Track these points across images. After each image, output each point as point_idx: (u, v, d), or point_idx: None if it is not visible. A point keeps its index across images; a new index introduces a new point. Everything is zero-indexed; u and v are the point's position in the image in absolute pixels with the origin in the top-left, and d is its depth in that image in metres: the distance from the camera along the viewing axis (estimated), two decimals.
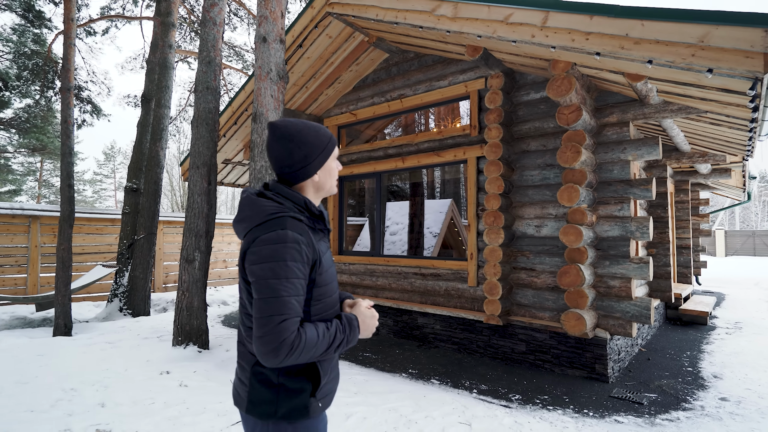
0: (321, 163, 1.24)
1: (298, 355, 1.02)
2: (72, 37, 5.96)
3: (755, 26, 2.43)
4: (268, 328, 1.00)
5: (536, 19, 3.34)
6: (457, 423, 2.94)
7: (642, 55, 2.88)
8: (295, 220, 1.12)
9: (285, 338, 1.00)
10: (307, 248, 1.10)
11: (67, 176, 5.92)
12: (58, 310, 5.85)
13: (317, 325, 1.09)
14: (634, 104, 4.00)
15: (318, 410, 1.17)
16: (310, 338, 1.04)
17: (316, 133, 1.23)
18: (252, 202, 1.15)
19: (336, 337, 1.11)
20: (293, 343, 1.01)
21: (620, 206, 4.02)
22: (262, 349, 1.00)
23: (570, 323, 3.87)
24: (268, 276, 1.04)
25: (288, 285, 1.04)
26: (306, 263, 1.10)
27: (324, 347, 1.08)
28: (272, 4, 4.15)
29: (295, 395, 1.13)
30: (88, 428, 2.76)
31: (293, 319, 1.03)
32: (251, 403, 1.13)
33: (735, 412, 3.23)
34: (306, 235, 1.11)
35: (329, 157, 1.26)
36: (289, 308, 1.03)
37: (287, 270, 1.05)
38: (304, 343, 1.03)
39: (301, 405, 1.13)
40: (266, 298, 1.03)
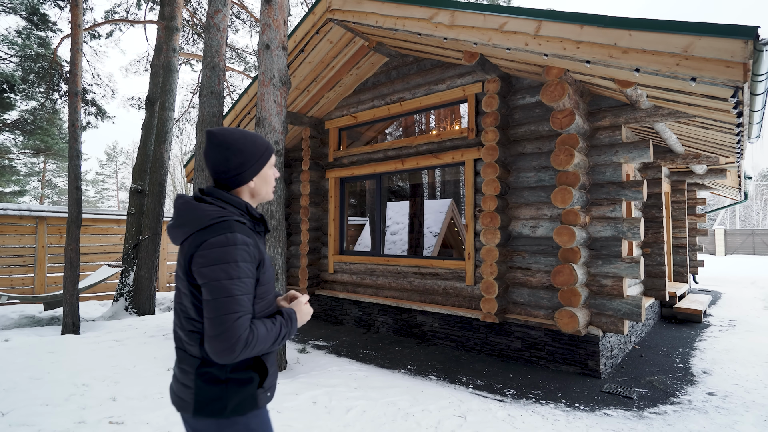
0: (257, 170, 1.29)
1: (251, 349, 1.08)
2: (79, 43, 6.10)
3: (736, 37, 2.56)
4: (224, 327, 1.05)
5: (529, 28, 3.47)
6: (452, 416, 3.07)
7: (630, 64, 3.00)
8: (239, 224, 1.17)
9: (240, 335, 1.05)
10: (254, 249, 1.17)
11: (75, 178, 6.06)
12: (66, 308, 6.00)
13: (264, 321, 1.15)
14: (626, 108, 4.13)
15: (265, 400, 1.23)
16: (260, 333, 1.11)
17: (253, 142, 1.27)
18: (193, 207, 1.18)
19: (281, 330, 1.18)
20: (247, 339, 1.06)
21: (612, 207, 4.14)
22: (218, 347, 1.04)
23: (563, 321, 4.01)
24: (221, 277, 1.08)
25: (240, 284, 1.10)
26: (253, 263, 1.16)
27: (271, 340, 1.14)
28: (275, 12, 4.29)
29: (243, 387, 1.17)
30: (102, 420, 2.91)
31: (246, 316, 1.09)
32: (199, 404, 1.15)
33: (721, 406, 3.36)
34: (252, 238, 1.18)
35: (265, 165, 1.31)
36: (242, 306, 1.09)
37: (238, 270, 1.10)
38: (256, 338, 1.09)
39: (250, 396, 1.18)
40: (220, 298, 1.07)
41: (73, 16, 6.05)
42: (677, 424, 3.03)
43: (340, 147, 6.87)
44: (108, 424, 2.85)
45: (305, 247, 6.84)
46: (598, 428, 2.93)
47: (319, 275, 6.97)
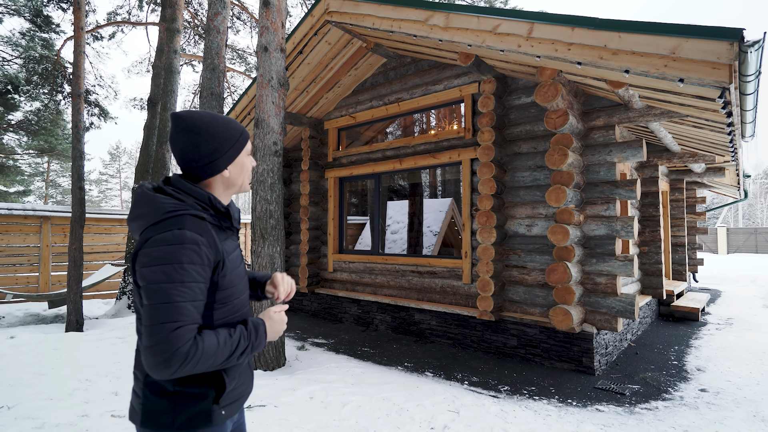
0: (231, 157, 1.14)
1: (194, 365, 0.94)
2: (82, 45, 6.19)
3: (721, 39, 2.61)
4: (159, 337, 0.91)
5: (522, 30, 3.53)
6: (446, 411, 3.14)
7: (620, 65, 3.06)
8: (196, 219, 1.03)
9: (178, 348, 0.91)
10: (208, 249, 1.02)
11: (78, 179, 6.16)
12: (70, 307, 6.10)
13: (218, 332, 1.01)
14: (620, 108, 4.17)
15: (221, 418, 1.08)
16: (207, 347, 0.96)
17: (226, 126, 1.13)
18: (148, 199, 1.04)
19: (239, 344, 1.03)
20: (188, 352, 0.92)
21: (606, 206, 4.19)
22: (152, 361, 0.91)
23: (558, 318, 4.06)
24: (161, 280, 0.94)
25: (183, 289, 0.95)
26: (206, 265, 1.01)
27: (225, 355, 1.00)
28: (273, 15, 4.35)
29: (194, 402, 1.04)
30: (104, 414, 2.99)
31: (188, 326, 0.94)
32: (146, 415, 1.04)
33: (712, 402, 3.41)
34: (207, 235, 1.03)
35: (241, 151, 1.17)
36: (184, 314, 0.94)
37: (183, 273, 0.96)
38: (201, 353, 0.95)
39: (202, 412, 1.05)
40: (157, 303, 0.93)
41: (75, 18, 6.14)
42: (667, 419, 3.09)
43: (339, 147, 6.94)
44: (110, 417, 2.94)
45: (305, 246, 6.91)
46: (589, 423, 2.99)
47: (319, 274, 7.04)
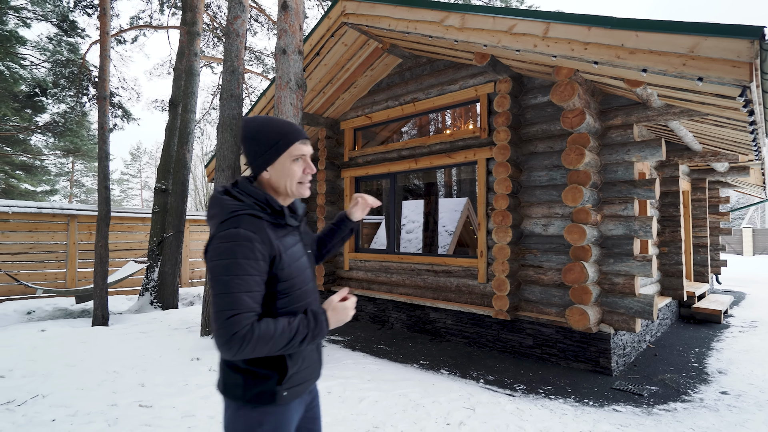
0: (270, 160, 1.20)
1: (252, 348, 1.04)
2: (107, 50, 6.41)
3: (741, 37, 2.58)
4: (220, 323, 1.03)
5: (538, 30, 3.53)
6: (461, 408, 3.17)
7: (637, 64, 3.04)
8: (252, 218, 1.13)
9: (236, 332, 1.02)
10: (262, 246, 1.11)
11: (104, 178, 6.38)
12: (96, 302, 6.32)
13: (277, 321, 1.10)
14: (638, 107, 4.13)
15: (284, 399, 1.18)
16: (264, 333, 1.06)
17: (269, 129, 1.20)
18: (217, 201, 1.17)
19: (298, 331, 1.11)
20: (244, 337, 1.03)
21: (624, 206, 4.16)
22: (217, 342, 1.04)
23: (574, 318, 4.05)
24: (221, 273, 1.06)
25: (239, 281, 1.06)
26: (260, 260, 1.10)
27: (284, 341, 1.08)
28: (291, 18, 4.44)
29: (261, 382, 1.16)
30: (132, 404, 3.12)
31: (244, 315, 1.05)
32: (225, 386, 1.19)
33: (733, 405, 3.36)
34: (261, 233, 1.12)
35: (280, 155, 1.20)
36: (240, 304, 1.05)
37: (237, 267, 1.06)
38: (257, 337, 1.04)
39: (267, 392, 1.16)
40: (219, 294, 1.06)
41: (101, 24, 6.36)
42: (686, 420, 3.06)
43: (355, 147, 7.02)
44: (138, 407, 3.06)
45: None
46: (606, 423, 2.99)
47: (335, 272, 7.13)
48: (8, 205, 7.77)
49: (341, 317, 1.21)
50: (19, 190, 20.12)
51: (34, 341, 4.88)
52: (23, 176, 19.98)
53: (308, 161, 1.26)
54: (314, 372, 1.30)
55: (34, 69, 13.38)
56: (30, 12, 12.94)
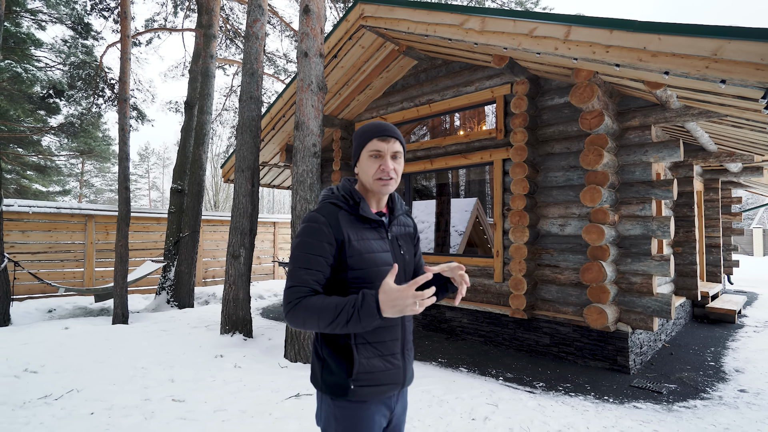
0: (356, 159, 1.31)
1: (301, 318, 1.12)
2: (128, 53, 6.53)
3: (765, 41, 2.62)
4: (284, 292, 1.18)
5: (559, 33, 3.59)
6: (485, 404, 3.24)
7: (659, 67, 3.09)
8: (331, 206, 1.26)
9: (290, 301, 1.15)
10: (328, 228, 1.20)
11: (124, 179, 6.50)
12: (116, 300, 6.45)
13: (326, 297, 1.14)
14: (656, 108, 4.18)
15: (356, 395, 1.18)
16: (310, 304, 1.12)
17: (360, 130, 1.30)
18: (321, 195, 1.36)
19: (344, 309, 1.09)
20: (295, 306, 1.13)
21: (642, 206, 4.21)
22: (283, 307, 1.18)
23: (592, 317, 4.10)
24: (293, 249, 1.22)
25: (301, 257, 1.18)
26: (326, 242, 1.19)
27: (330, 316, 1.09)
28: (313, 22, 4.53)
29: (334, 373, 1.21)
30: (165, 398, 3.22)
31: (298, 288, 1.15)
32: (311, 373, 1.29)
33: (752, 402, 3.40)
34: (332, 218, 1.22)
35: (361, 150, 1.28)
36: (297, 278, 1.16)
37: (304, 245, 1.19)
38: (303, 309, 1.12)
39: (340, 383, 1.19)
40: (289, 266, 1.21)
41: (122, 27, 6.48)
42: (707, 417, 3.11)
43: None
44: (171, 401, 3.16)
45: None
46: (627, 419, 3.04)
47: None
48: (28, 206, 7.92)
49: (398, 305, 1.05)
50: (31, 190, 20.40)
51: (59, 338, 5.00)
52: (35, 176, 20.26)
53: (385, 158, 1.25)
54: (395, 377, 1.26)
55: (49, 71, 13.59)
56: (45, 14, 13.15)
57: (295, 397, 3.27)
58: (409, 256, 1.37)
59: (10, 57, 12.88)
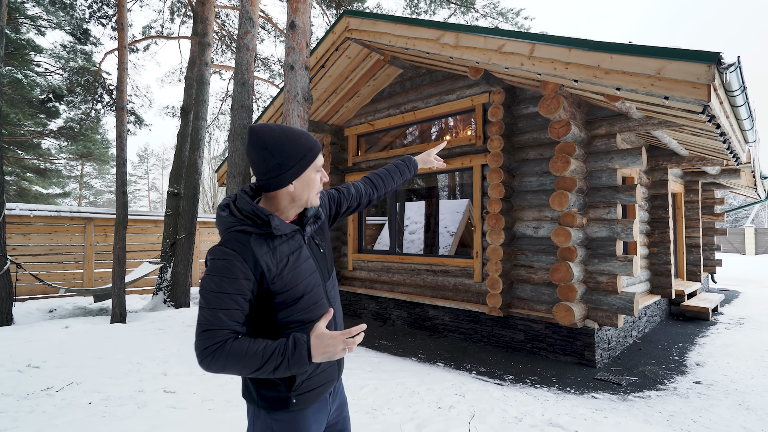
0: (297, 173, 1.16)
1: (222, 365, 1.03)
2: (125, 62, 6.80)
3: (701, 62, 2.89)
4: (196, 336, 1.06)
5: (524, 50, 3.85)
6: (453, 394, 3.50)
7: (611, 83, 3.36)
8: (239, 234, 1.13)
9: (206, 347, 1.03)
10: (243, 264, 1.09)
11: (122, 184, 6.77)
12: (114, 300, 6.71)
13: (255, 341, 1.06)
14: (621, 118, 4.44)
15: (296, 405, 1.18)
16: (234, 351, 1.03)
17: (295, 141, 1.15)
18: (218, 218, 1.20)
19: (272, 356, 1.04)
20: (214, 352, 1.02)
21: (608, 210, 4.47)
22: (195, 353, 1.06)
23: (561, 314, 4.36)
24: (203, 288, 1.08)
25: (215, 299, 1.06)
26: (242, 278, 1.08)
27: (256, 364, 1.04)
28: (298, 37, 4.79)
29: (271, 388, 1.17)
30: (157, 390, 3.48)
31: (215, 331, 1.04)
32: (243, 389, 1.25)
33: (703, 393, 3.67)
34: (245, 251, 1.10)
35: (308, 167, 1.18)
36: (213, 320, 1.05)
37: (216, 285, 1.07)
38: (226, 356, 1.02)
39: (280, 397, 1.17)
40: (200, 308, 1.08)
41: (119, 38, 6.75)
42: (656, 405, 3.37)
43: (358, 152, 7.36)
44: (163, 392, 3.42)
45: None
46: (583, 407, 3.30)
47: (340, 272, 7.48)
48: (30, 210, 8.19)
49: (328, 351, 1.07)
50: (31, 192, 20.67)
51: (61, 336, 5.26)
52: (35, 179, 20.53)
53: (323, 170, 1.26)
54: (330, 375, 1.27)
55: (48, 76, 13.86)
56: (44, 21, 13.42)
57: None
58: (327, 248, 1.36)
59: (11, 63, 13.15)
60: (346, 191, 1.53)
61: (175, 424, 2.85)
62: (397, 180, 1.71)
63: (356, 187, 1.57)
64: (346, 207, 1.52)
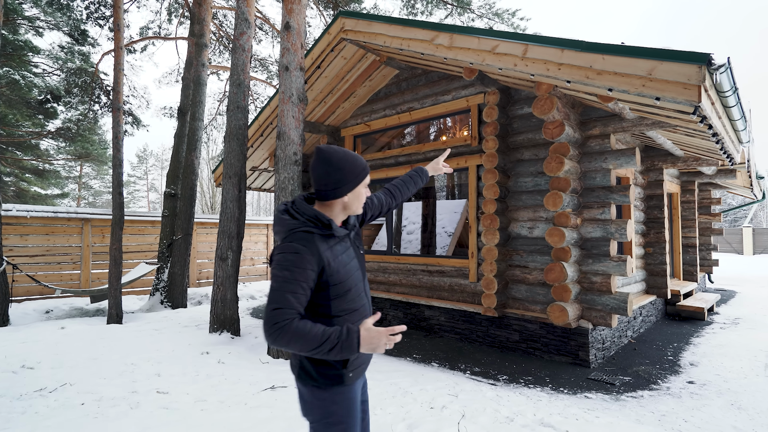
0: (352, 188, 1.45)
1: (287, 340, 1.21)
2: (121, 64, 6.80)
3: (691, 63, 2.90)
4: (267, 313, 1.26)
5: (518, 51, 3.86)
6: (446, 395, 3.51)
7: (603, 84, 3.37)
8: (304, 234, 1.37)
9: (276, 322, 1.22)
10: (311, 257, 1.32)
11: (118, 185, 6.77)
12: (111, 301, 6.71)
13: (315, 325, 1.26)
14: (614, 118, 4.45)
15: (350, 379, 1.42)
16: (297, 329, 1.22)
17: (353, 163, 1.44)
18: (279, 220, 1.44)
19: (328, 340, 1.23)
20: (282, 328, 1.21)
21: (602, 210, 4.48)
22: (263, 328, 1.26)
23: (555, 314, 4.37)
24: (275, 275, 1.31)
25: (286, 284, 1.27)
26: (309, 269, 1.31)
27: (315, 343, 1.22)
28: (293, 38, 4.80)
29: (328, 368, 1.39)
30: (150, 390, 3.48)
31: (284, 310, 1.24)
32: (299, 371, 1.44)
33: (695, 392, 3.68)
34: (311, 245, 1.34)
35: (360, 184, 1.47)
36: (283, 301, 1.25)
37: (288, 273, 1.29)
38: (292, 332, 1.21)
39: (338, 374, 1.39)
40: (271, 290, 1.30)
41: (116, 39, 6.75)
42: (648, 405, 3.38)
43: None
44: (156, 393, 3.43)
45: None
46: (575, 407, 3.31)
47: None
48: (26, 210, 8.18)
49: (374, 344, 1.27)
50: (30, 193, 20.65)
51: (56, 337, 5.26)
52: (34, 179, 20.52)
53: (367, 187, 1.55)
54: (370, 355, 1.53)
55: (46, 77, 13.86)
56: (42, 21, 13.41)
57: (270, 389, 3.54)
58: (362, 251, 1.63)
59: (8, 64, 13.15)
60: (370, 202, 1.77)
61: (167, 424, 2.85)
62: (411, 189, 1.97)
63: (378, 198, 1.82)
64: (371, 215, 1.77)
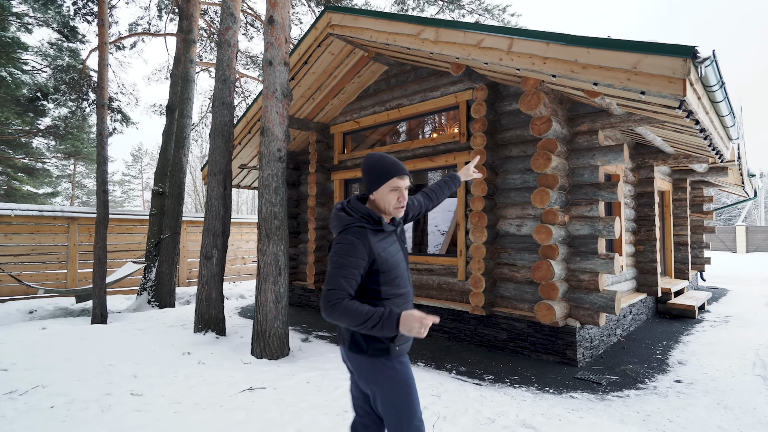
0: (375, 187, 1.68)
1: (338, 315, 1.47)
2: (105, 59, 6.68)
3: (676, 56, 2.84)
4: (323, 293, 1.52)
5: (503, 45, 3.79)
6: (428, 395, 3.44)
7: (589, 78, 3.30)
8: (358, 228, 1.62)
9: (329, 300, 1.49)
10: (363, 248, 1.57)
11: (103, 182, 6.65)
12: (95, 301, 6.60)
13: (363, 305, 1.49)
14: (602, 114, 4.39)
15: (396, 352, 1.64)
16: (347, 307, 1.47)
17: (379, 165, 1.68)
18: (336, 217, 1.70)
19: (371, 317, 1.44)
20: (334, 305, 1.47)
21: (590, 207, 4.41)
22: (320, 304, 1.52)
23: (542, 313, 4.31)
24: (332, 261, 1.56)
25: (340, 269, 1.53)
26: (360, 258, 1.56)
27: (360, 320, 1.45)
28: (277, 32, 4.71)
29: (378, 342, 1.61)
30: (124, 393, 3.39)
31: (337, 291, 1.50)
32: (351, 343, 1.65)
33: (682, 392, 3.62)
34: (363, 238, 1.59)
35: (383, 185, 1.66)
36: (337, 283, 1.51)
37: (342, 260, 1.54)
38: (342, 309, 1.46)
39: (388, 348, 1.61)
40: (328, 275, 1.55)
41: (100, 34, 6.63)
42: (634, 405, 3.32)
43: (344, 150, 7.28)
44: (130, 395, 3.33)
45: (312, 244, 7.28)
46: (560, 407, 3.24)
47: (325, 271, 7.40)
48: (11, 209, 8.05)
49: (411, 327, 1.43)
50: (21, 192, 20.43)
51: (35, 338, 5.15)
52: (25, 179, 20.29)
53: (403, 192, 1.70)
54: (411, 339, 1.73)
55: (35, 74, 13.68)
56: (31, 18, 13.23)
57: (248, 390, 3.46)
58: (406, 245, 1.86)
59: None
60: (411, 203, 2.01)
61: (137, 428, 2.76)
62: (446, 193, 2.23)
63: (417, 200, 2.08)
64: (412, 215, 2.00)
